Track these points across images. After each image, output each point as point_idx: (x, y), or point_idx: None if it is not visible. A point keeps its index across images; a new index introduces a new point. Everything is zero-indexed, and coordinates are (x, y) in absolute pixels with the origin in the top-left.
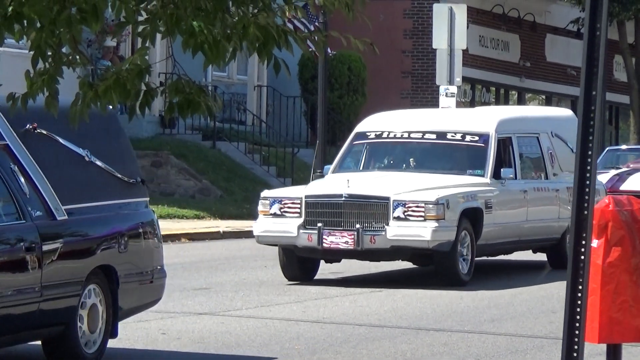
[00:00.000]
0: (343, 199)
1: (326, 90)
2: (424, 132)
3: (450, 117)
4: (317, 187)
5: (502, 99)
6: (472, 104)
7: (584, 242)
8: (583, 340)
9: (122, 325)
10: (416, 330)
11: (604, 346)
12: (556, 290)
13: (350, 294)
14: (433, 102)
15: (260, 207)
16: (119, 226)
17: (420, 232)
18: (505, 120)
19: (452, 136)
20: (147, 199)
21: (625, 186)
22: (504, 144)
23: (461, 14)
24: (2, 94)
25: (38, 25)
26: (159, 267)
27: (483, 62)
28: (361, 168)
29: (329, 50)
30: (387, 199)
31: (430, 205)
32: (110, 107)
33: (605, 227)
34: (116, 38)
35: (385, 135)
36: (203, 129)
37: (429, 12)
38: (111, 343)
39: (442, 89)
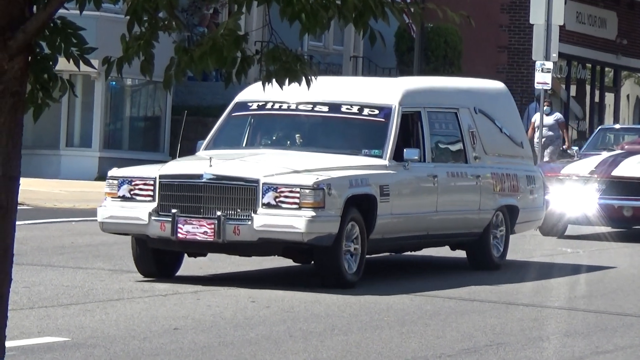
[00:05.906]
0: (203, 180)
1: (422, 62)
2: (315, 104)
3: (348, 87)
4: (175, 167)
5: (597, 76)
6: (567, 80)
7: None
8: None
9: (211, 292)
10: (506, 305)
11: None
12: None
13: (439, 267)
14: (529, 77)
15: (106, 189)
16: None
17: (293, 222)
18: (413, 92)
19: (348, 109)
20: None
21: (617, 171)
22: (410, 120)
23: None
24: (97, 57)
25: None
26: None
27: (580, 38)
28: (244, 145)
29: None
30: (256, 181)
31: (307, 191)
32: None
33: None
34: (213, 5)
35: (269, 106)
36: None
37: None
38: (200, 309)
39: (538, 64)
